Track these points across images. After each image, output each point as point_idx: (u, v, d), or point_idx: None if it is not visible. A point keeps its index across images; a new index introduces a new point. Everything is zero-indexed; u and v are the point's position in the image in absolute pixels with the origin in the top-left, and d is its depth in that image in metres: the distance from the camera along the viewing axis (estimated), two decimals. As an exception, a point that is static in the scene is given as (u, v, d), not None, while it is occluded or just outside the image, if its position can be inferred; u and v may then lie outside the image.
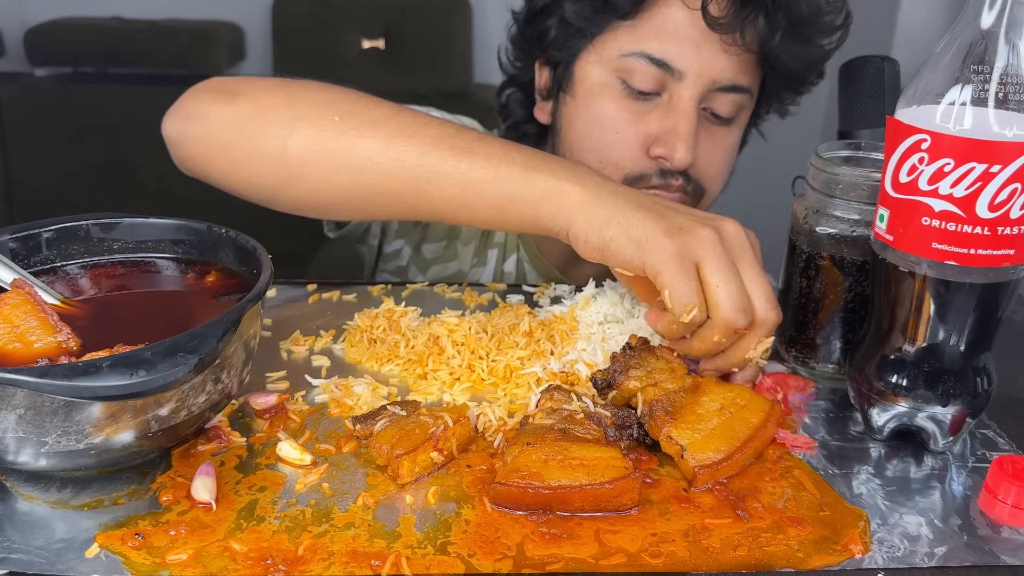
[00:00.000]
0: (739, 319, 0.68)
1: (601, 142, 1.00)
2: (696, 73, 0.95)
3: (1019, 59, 0.57)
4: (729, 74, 0.96)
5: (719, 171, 1.04)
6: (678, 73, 0.95)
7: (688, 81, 0.95)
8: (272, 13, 2.48)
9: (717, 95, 0.97)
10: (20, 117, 2.47)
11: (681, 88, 0.96)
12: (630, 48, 0.96)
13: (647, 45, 0.96)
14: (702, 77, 0.95)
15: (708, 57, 0.95)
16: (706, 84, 0.96)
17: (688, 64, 0.95)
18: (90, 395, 0.52)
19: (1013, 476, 0.60)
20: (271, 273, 0.65)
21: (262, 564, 0.54)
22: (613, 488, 0.58)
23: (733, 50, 0.94)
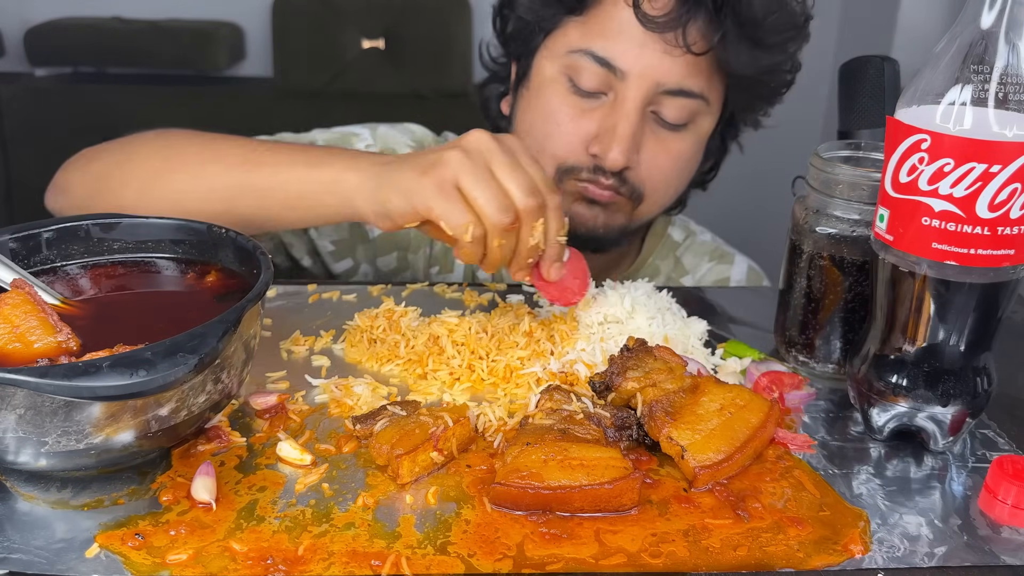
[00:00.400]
0: (502, 217, 0.73)
1: (542, 133, 1.01)
2: (639, 74, 0.94)
3: (1019, 59, 0.57)
4: (675, 77, 0.95)
5: (664, 177, 1.02)
6: (621, 73, 0.95)
7: (631, 82, 0.95)
8: (272, 13, 2.48)
9: (665, 99, 0.96)
10: (20, 117, 2.47)
11: (625, 88, 0.95)
12: (576, 45, 0.98)
13: (592, 43, 0.96)
14: (645, 78, 0.94)
15: (651, 58, 0.94)
16: (650, 86, 0.95)
17: (630, 64, 0.94)
18: (90, 395, 0.52)
19: (1013, 476, 0.60)
20: (271, 273, 0.65)
21: (262, 564, 0.54)
22: (613, 488, 0.58)
23: (675, 51, 0.93)
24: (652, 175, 1.01)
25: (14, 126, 2.47)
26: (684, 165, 1.04)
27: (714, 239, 1.24)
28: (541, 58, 1.03)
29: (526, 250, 0.76)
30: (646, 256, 1.20)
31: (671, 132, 1.00)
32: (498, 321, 0.82)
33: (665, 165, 1.01)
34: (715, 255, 1.20)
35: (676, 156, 1.01)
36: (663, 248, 1.21)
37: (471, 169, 0.74)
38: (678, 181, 1.05)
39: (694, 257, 1.21)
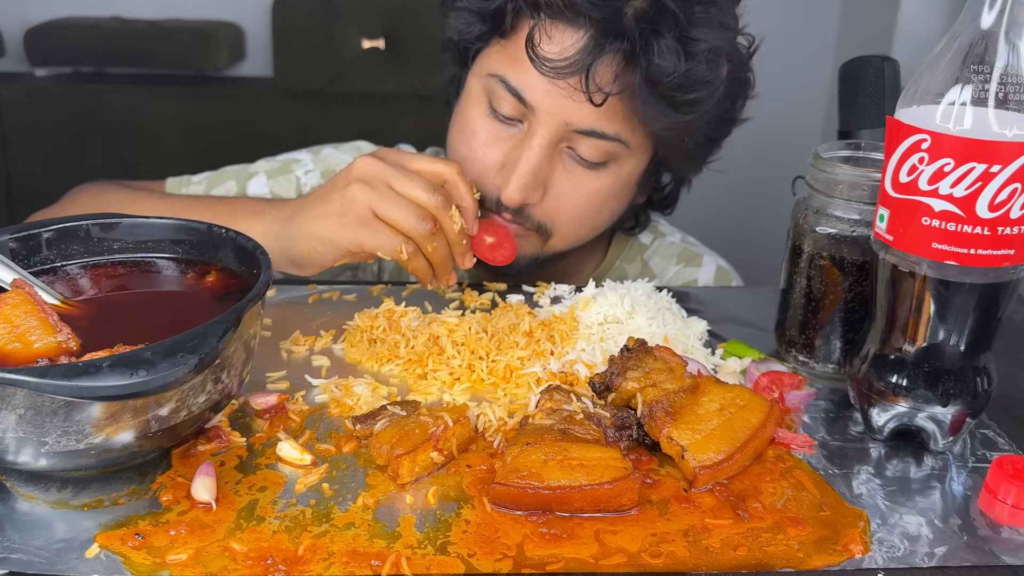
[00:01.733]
0: (424, 225, 0.80)
1: (459, 154, 0.99)
2: (546, 111, 0.91)
3: (1019, 59, 0.57)
4: (587, 119, 0.91)
5: (574, 214, 0.97)
6: (530, 107, 0.92)
7: (540, 118, 0.92)
8: (272, 13, 2.48)
9: (578, 137, 0.92)
10: (20, 117, 2.47)
11: (535, 123, 0.92)
12: (494, 69, 0.95)
13: (507, 71, 0.93)
14: (553, 116, 0.91)
15: (558, 97, 0.90)
16: (559, 124, 0.91)
17: (539, 100, 0.91)
18: (90, 395, 0.52)
19: (1013, 476, 0.60)
20: (271, 273, 0.65)
21: (262, 564, 0.54)
22: (613, 488, 0.58)
23: (579, 95, 0.88)
24: (560, 212, 0.97)
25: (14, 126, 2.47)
26: (599, 203, 0.99)
27: (684, 239, 1.21)
28: (471, 74, 1.00)
29: (456, 237, 0.83)
30: (612, 260, 1.17)
31: (587, 170, 0.95)
32: (498, 321, 0.82)
33: (576, 203, 0.97)
34: (683, 257, 1.18)
35: (590, 195, 0.97)
36: (630, 251, 1.18)
37: (378, 195, 0.80)
38: (592, 219, 1.01)
39: (661, 260, 1.18)
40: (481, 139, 0.97)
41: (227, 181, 1.11)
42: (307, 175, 1.12)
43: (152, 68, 2.55)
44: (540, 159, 0.93)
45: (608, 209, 1.01)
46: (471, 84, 1.00)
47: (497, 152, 0.96)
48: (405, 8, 2.47)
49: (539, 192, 0.95)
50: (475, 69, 0.99)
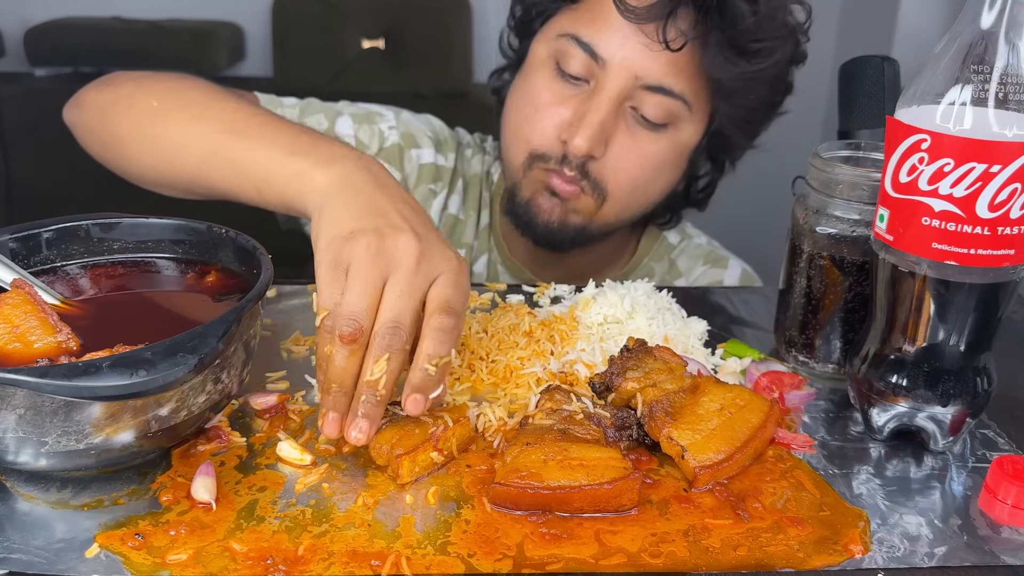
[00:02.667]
0: (343, 325, 0.61)
1: (521, 116, 1.02)
2: (618, 64, 0.95)
3: (1019, 59, 0.57)
4: (656, 73, 0.95)
5: (630, 176, 1.01)
6: (602, 61, 0.95)
7: (610, 71, 0.95)
8: (272, 13, 2.48)
9: (644, 95, 0.96)
10: (20, 117, 2.47)
11: (604, 77, 0.96)
12: (565, 30, 0.99)
13: (579, 29, 0.97)
14: (624, 69, 0.95)
15: (632, 50, 0.94)
16: (629, 78, 0.95)
17: (612, 53, 0.95)
18: (90, 395, 0.52)
19: (1013, 476, 0.60)
20: (271, 273, 0.65)
21: (262, 564, 0.54)
22: (612, 489, 0.58)
23: (656, 46, 0.93)
24: (618, 172, 1.00)
25: (14, 126, 2.47)
26: (655, 168, 1.02)
27: (709, 243, 1.24)
28: (536, 42, 1.04)
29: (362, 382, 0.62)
30: (641, 257, 1.20)
31: (647, 131, 0.99)
32: (498, 321, 0.82)
33: (634, 163, 1.00)
34: (709, 259, 1.20)
35: (647, 156, 1.00)
36: (658, 250, 1.21)
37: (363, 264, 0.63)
38: (647, 184, 1.03)
39: (689, 260, 1.20)
40: (546, 99, 1.00)
41: (317, 113, 1.10)
42: (390, 131, 1.13)
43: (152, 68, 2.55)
44: (608, 112, 0.96)
45: (661, 178, 1.04)
46: (536, 51, 1.03)
47: (563, 110, 0.99)
48: (405, 8, 2.47)
49: (603, 146, 0.97)
50: (541, 37, 1.03)
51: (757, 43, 0.94)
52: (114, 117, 0.90)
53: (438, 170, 1.15)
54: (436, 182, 1.15)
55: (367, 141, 1.11)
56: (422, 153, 1.14)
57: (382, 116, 1.14)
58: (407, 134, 1.14)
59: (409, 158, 1.13)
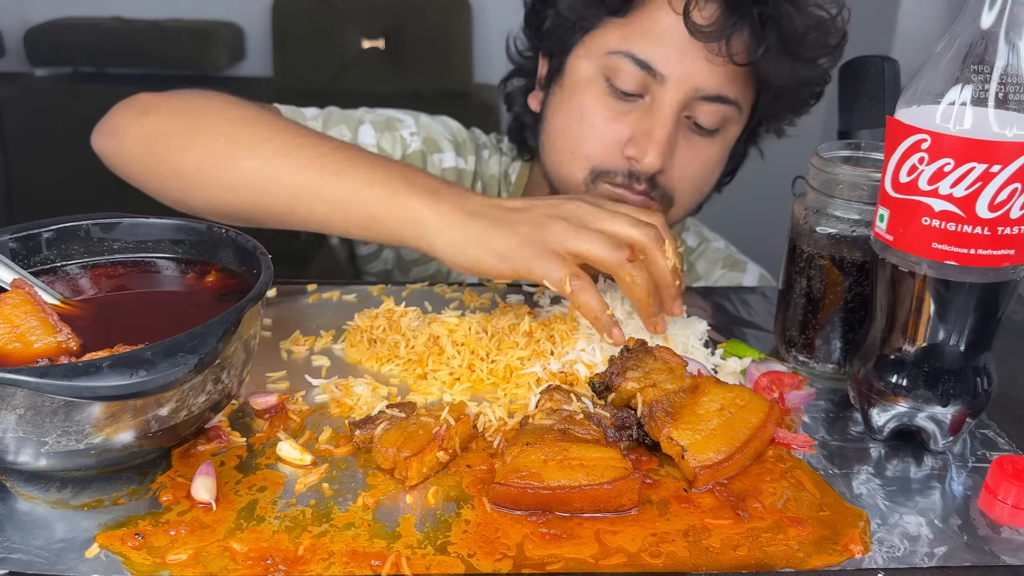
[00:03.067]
0: (618, 255, 0.74)
1: (576, 134, 1.01)
2: (678, 79, 0.94)
3: (1019, 59, 0.57)
4: (713, 84, 0.95)
5: (693, 182, 1.02)
6: (660, 77, 0.94)
7: (670, 86, 0.94)
8: (272, 13, 2.48)
9: (700, 104, 0.96)
10: (20, 117, 2.47)
11: (663, 92, 0.95)
12: (617, 46, 0.97)
13: (633, 46, 0.96)
14: (684, 84, 0.94)
15: (692, 64, 0.94)
16: (688, 91, 0.95)
17: (671, 69, 0.94)
18: (90, 395, 0.52)
19: (1013, 476, 0.60)
20: (271, 273, 0.65)
21: (262, 564, 0.54)
22: (612, 489, 0.58)
23: (717, 60, 0.93)
24: (683, 180, 1.00)
25: (14, 126, 2.47)
26: (712, 170, 1.04)
27: (727, 247, 1.24)
28: (577, 57, 1.01)
29: (666, 277, 0.77)
30: None
31: (702, 137, 0.99)
32: (498, 321, 0.82)
33: (696, 170, 1.01)
34: (728, 262, 1.20)
35: (704, 161, 1.01)
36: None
37: (571, 231, 0.76)
38: (705, 186, 1.05)
39: (708, 264, 1.21)
40: (603, 116, 0.99)
41: (339, 124, 1.09)
42: (412, 137, 1.12)
43: (152, 68, 2.55)
44: (672, 125, 0.96)
45: (714, 176, 1.06)
46: (579, 68, 1.01)
47: (622, 127, 0.98)
48: (405, 8, 2.47)
49: (671, 159, 0.98)
50: (583, 52, 1.01)
51: (813, 51, 0.96)
52: (170, 153, 0.88)
53: (460, 174, 1.15)
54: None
55: (389, 149, 1.11)
56: (444, 157, 1.14)
57: (402, 122, 1.13)
58: (428, 139, 1.14)
59: (432, 163, 1.13)
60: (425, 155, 1.13)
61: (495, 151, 1.21)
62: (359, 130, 1.10)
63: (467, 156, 1.17)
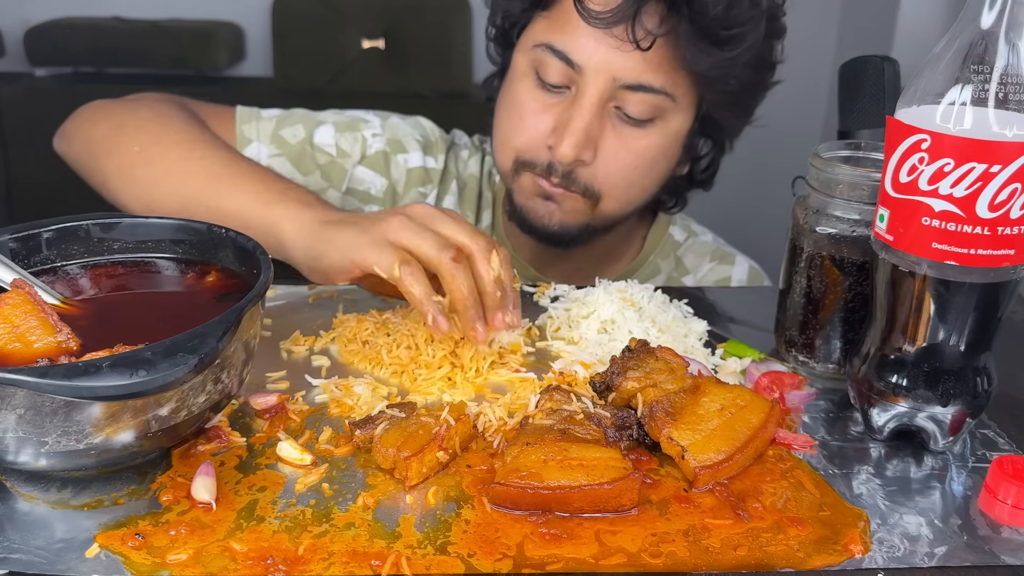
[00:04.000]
0: (443, 253, 0.75)
1: (508, 125, 1.04)
2: (594, 68, 0.95)
3: (1019, 59, 0.57)
4: (633, 72, 0.95)
5: (624, 174, 1.01)
6: (578, 67, 0.96)
7: (588, 76, 0.96)
8: (272, 13, 2.48)
9: (626, 93, 0.96)
10: (20, 117, 2.47)
11: (584, 83, 0.96)
12: (540, 39, 1.00)
13: (552, 37, 0.98)
14: (601, 73, 0.95)
15: (605, 53, 0.94)
16: (607, 81, 0.95)
17: (586, 59, 0.95)
18: (90, 395, 0.52)
19: (1013, 476, 0.60)
20: (271, 273, 0.65)
21: (262, 564, 0.54)
22: (612, 489, 0.58)
23: (627, 47, 0.93)
24: (610, 172, 1.00)
25: (14, 126, 2.47)
26: (649, 162, 1.02)
27: (715, 240, 1.24)
28: (516, 52, 1.05)
29: (488, 286, 0.75)
30: (647, 254, 1.20)
31: (634, 128, 0.99)
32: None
33: (625, 161, 1.00)
34: (716, 255, 1.20)
35: (638, 152, 1.00)
36: (664, 247, 1.21)
37: (409, 226, 0.77)
38: (642, 179, 1.04)
39: (695, 257, 1.20)
40: (530, 108, 1.01)
41: (295, 124, 1.11)
42: (374, 138, 1.14)
43: (152, 68, 2.55)
44: (591, 116, 0.96)
45: (656, 169, 1.04)
46: (516, 61, 1.04)
47: (547, 118, 1.00)
48: (405, 8, 2.47)
49: (591, 151, 0.98)
50: (520, 46, 1.04)
51: (728, 30, 0.93)
52: (100, 157, 0.98)
53: (427, 172, 1.16)
54: (425, 184, 1.16)
55: (348, 150, 1.12)
56: (409, 157, 1.15)
57: (367, 123, 1.14)
58: (393, 140, 1.14)
59: (396, 163, 1.14)
60: (388, 156, 1.14)
61: (476, 152, 1.22)
62: (317, 130, 1.12)
63: (436, 155, 1.17)
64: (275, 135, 1.09)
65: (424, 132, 1.18)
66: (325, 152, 1.10)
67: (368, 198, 1.13)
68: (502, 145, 1.05)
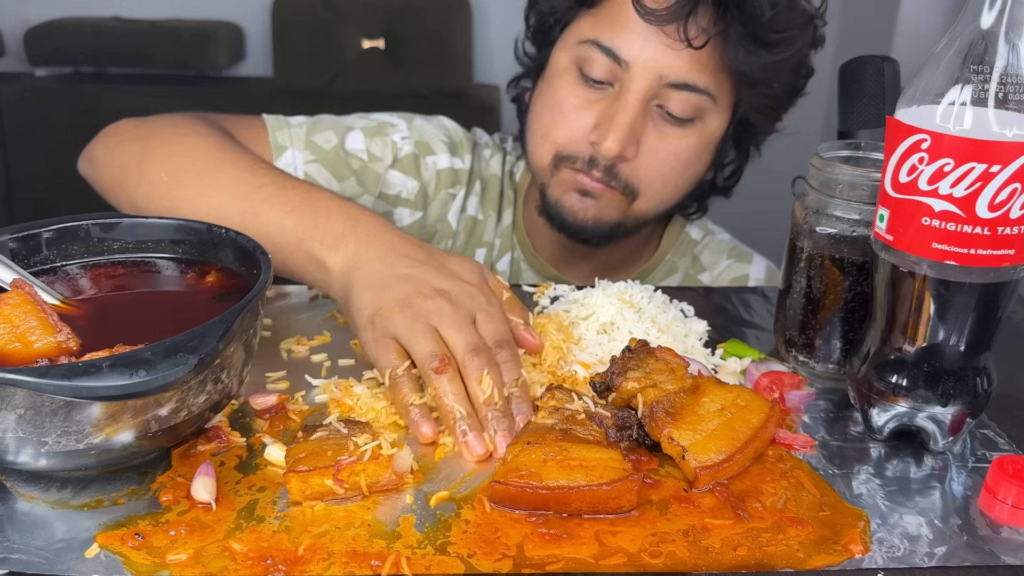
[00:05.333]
0: (429, 364, 0.68)
1: (548, 121, 1.04)
2: (642, 65, 0.96)
3: (1019, 59, 0.57)
4: (679, 71, 0.96)
5: (661, 172, 1.02)
6: (625, 64, 0.97)
7: (635, 73, 0.97)
8: (272, 13, 2.48)
9: (670, 92, 0.97)
10: (20, 117, 2.47)
11: (629, 80, 0.97)
12: (586, 36, 1.00)
13: (600, 34, 0.99)
14: (648, 70, 0.96)
15: (655, 50, 0.96)
16: (654, 78, 0.96)
17: (634, 55, 0.96)
18: (90, 395, 0.52)
19: (1013, 476, 0.60)
20: (271, 273, 0.65)
21: (262, 564, 0.54)
22: (611, 490, 0.58)
23: (677, 45, 0.94)
24: (649, 170, 1.01)
25: (14, 126, 2.47)
26: (685, 163, 1.03)
27: (732, 239, 1.24)
28: (556, 50, 1.05)
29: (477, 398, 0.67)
30: (664, 252, 1.20)
31: (675, 127, 1.00)
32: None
33: (664, 160, 1.01)
34: (733, 253, 1.21)
35: (677, 152, 1.01)
36: (681, 245, 1.21)
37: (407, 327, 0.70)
38: (678, 179, 1.05)
39: (712, 255, 1.21)
40: (572, 104, 1.01)
41: (326, 130, 1.10)
42: (403, 141, 1.13)
43: (152, 68, 2.56)
44: (636, 112, 0.97)
45: (691, 170, 1.05)
46: (557, 59, 1.04)
47: (589, 114, 1.00)
48: (405, 8, 2.47)
49: (634, 147, 0.98)
50: (562, 44, 1.04)
51: (778, 34, 0.95)
52: (127, 185, 0.94)
53: (455, 173, 1.15)
54: (454, 186, 1.15)
55: (380, 154, 1.11)
56: (438, 159, 1.14)
57: (394, 126, 1.13)
58: (421, 142, 1.14)
59: (426, 166, 1.13)
60: (418, 158, 1.13)
61: (497, 150, 1.22)
62: (347, 136, 1.10)
63: (463, 155, 1.17)
64: (308, 141, 1.07)
65: (448, 132, 1.18)
66: (357, 157, 1.09)
67: (399, 201, 1.13)
68: (541, 140, 1.05)
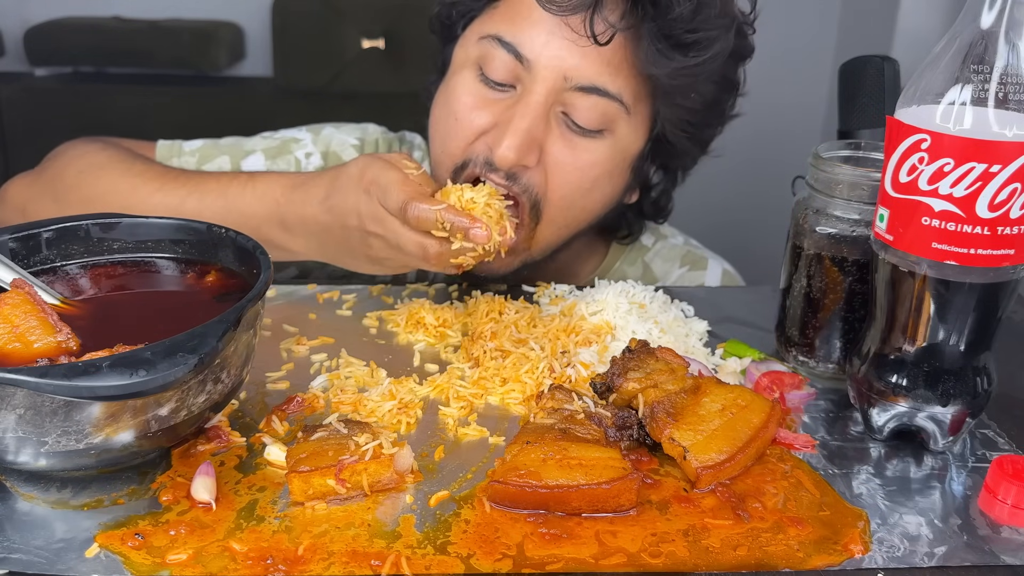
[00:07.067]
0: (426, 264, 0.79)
1: (444, 128, 0.94)
2: (545, 64, 0.87)
3: (1019, 59, 0.57)
4: (586, 72, 0.87)
5: (569, 187, 0.91)
6: (528, 62, 0.87)
7: (537, 73, 0.87)
8: (272, 13, 2.48)
9: (576, 97, 0.88)
10: (20, 117, 2.47)
11: (531, 80, 0.87)
12: (487, 31, 0.91)
13: (501, 28, 0.90)
14: (551, 69, 0.87)
15: (560, 47, 0.86)
16: (557, 79, 0.87)
17: (537, 52, 0.87)
18: (90, 395, 0.52)
19: (1013, 476, 0.60)
20: (271, 273, 0.65)
21: (262, 564, 0.54)
22: (610, 489, 0.58)
23: (583, 41, 0.84)
24: (552, 184, 0.90)
25: (14, 126, 2.47)
26: (594, 178, 0.92)
27: (687, 242, 1.17)
28: (458, 47, 0.96)
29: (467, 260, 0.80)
30: (612, 262, 1.13)
31: (582, 138, 0.90)
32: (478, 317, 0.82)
33: (569, 172, 0.90)
34: (687, 260, 1.14)
35: (583, 164, 0.90)
36: (630, 253, 1.14)
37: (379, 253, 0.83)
38: (584, 196, 0.93)
39: (664, 263, 1.14)
40: (467, 104, 0.91)
41: (220, 156, 1.06)
42: (308, 157, 1.09)
43: (152, 68, 2.56)
44: (536, 117, 0.87)
45: (600, 189, 0.94)
46: (458, 56, 0.96)
47: (485, 115, 0.90)
48: (405, 8, 2.47)
49: (534, 154, 0.88)
50: (463, 40, 0.96)
51: (692, 34, 0.85)
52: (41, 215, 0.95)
53: None
54: None
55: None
56: None
57: (298, 142, 1.11)
58: (328, 153, 1.11)
59: None
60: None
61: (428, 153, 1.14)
62: (245, 161, 1.08)
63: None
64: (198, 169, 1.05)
65: (364, 135, 1.14)
66: None
67: None
68: (439, 155, 0.95)
